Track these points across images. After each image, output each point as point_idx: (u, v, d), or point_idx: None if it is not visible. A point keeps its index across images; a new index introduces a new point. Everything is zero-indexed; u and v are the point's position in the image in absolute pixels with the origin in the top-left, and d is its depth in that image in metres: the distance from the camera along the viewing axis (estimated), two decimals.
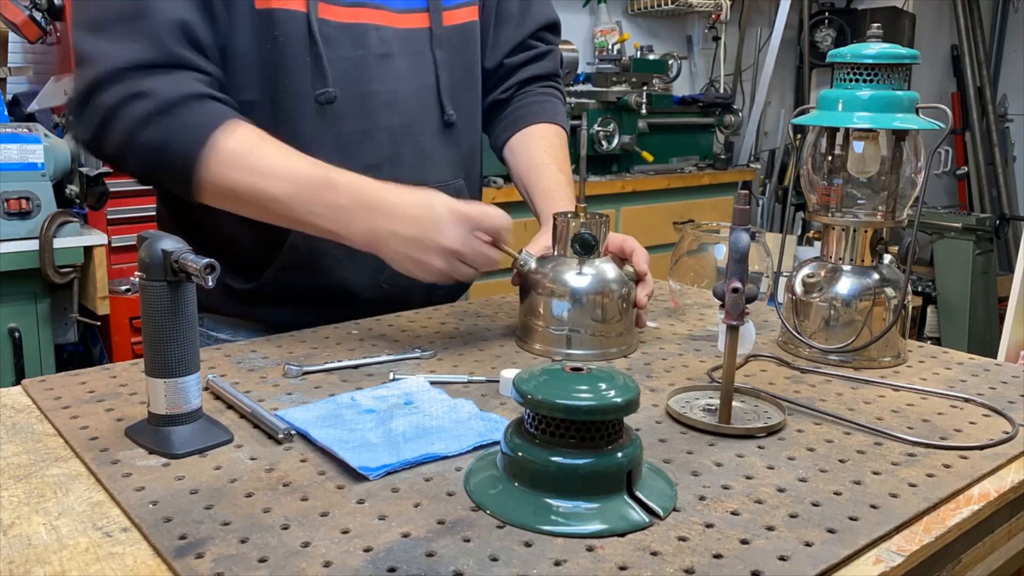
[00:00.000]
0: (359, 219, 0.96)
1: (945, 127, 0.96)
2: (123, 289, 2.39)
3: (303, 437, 0.76)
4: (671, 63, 3.81)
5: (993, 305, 3.81)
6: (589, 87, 3.37)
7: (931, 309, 3.81)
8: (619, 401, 0.63)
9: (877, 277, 1.01)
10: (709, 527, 0.63)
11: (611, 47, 3.74)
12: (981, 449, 0.78)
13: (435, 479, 0.70)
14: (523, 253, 1.01)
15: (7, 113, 2.34)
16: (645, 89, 3.45)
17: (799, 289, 1.04)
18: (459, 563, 0.57)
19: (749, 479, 0.71)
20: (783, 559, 0.59)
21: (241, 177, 0.97)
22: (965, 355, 1.06)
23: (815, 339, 1.02)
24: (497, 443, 0.71)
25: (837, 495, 0.68)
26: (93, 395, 0.86)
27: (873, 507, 0.66)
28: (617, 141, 3.27)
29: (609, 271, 1.01)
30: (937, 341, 3.69)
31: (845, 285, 1.01)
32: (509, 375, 0.88)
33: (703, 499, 0.67)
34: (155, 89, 0.96)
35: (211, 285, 0.70)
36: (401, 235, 0.95)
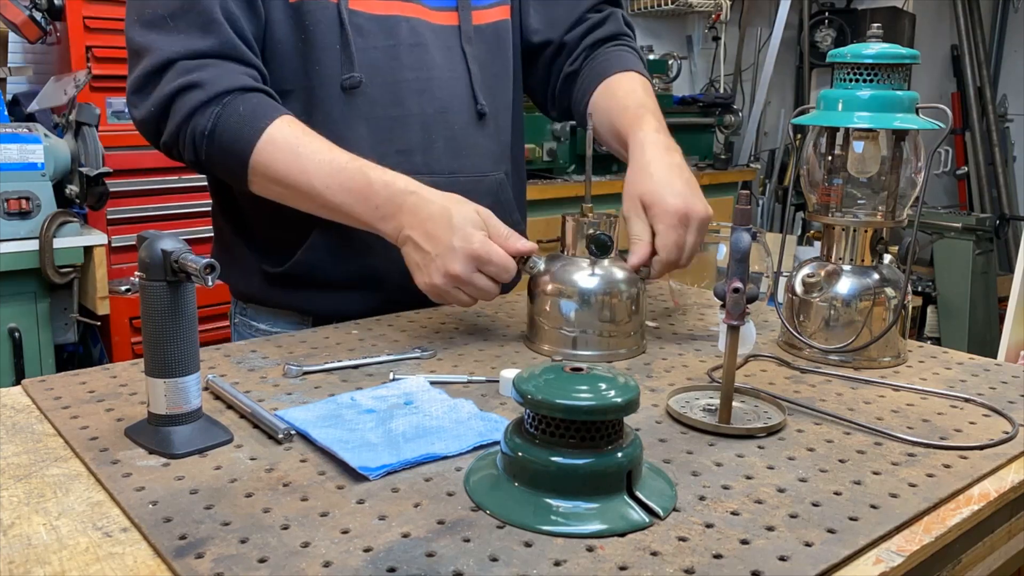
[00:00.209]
0: (389, 216, 1.01)
1: (945, 127, 0.96)
2: (123, 289, 2.39)
3: (303, 437, 0.76)
4: (671, 63, 3.82)
5: (993, 305, 3.81)
6: None
7: (931, 309, 3.82)
8: (619, 401, 0.63)
9: (877, 277, 1.01)
10: (709, 527, 0.63)
11: None
12: (981, 449, 0.78)
13: (435, 479, 0.70)
14: (531, 259, 1.01)
15: (7, 113, 2.34)
16: None
17: (799, 289, 1.04)
18: (459, 563, 0.57)
19: (749, 479, 0.71)
20: (783, 559, 0.59)
21: (288, 170, 1.03)
22: (965, 355, 1.06)
23: (815, 339, 1.02)
24: (497, 443, 0.71)
25: (837, 495, 0.68)
26: (93, 395, 0.86)
27: (873, 507, 0.66)
28: None
29: (618, 272, 1.01)
30: (937, 341, 3.69)
31: (845, 285, 1.01)
32: (509, 375, 0.88)
33: (703, 499, 0.67)
34: (208, 80, 1.02)
35: (211, 285, 0.70)
36: (415, 242, 1.00)
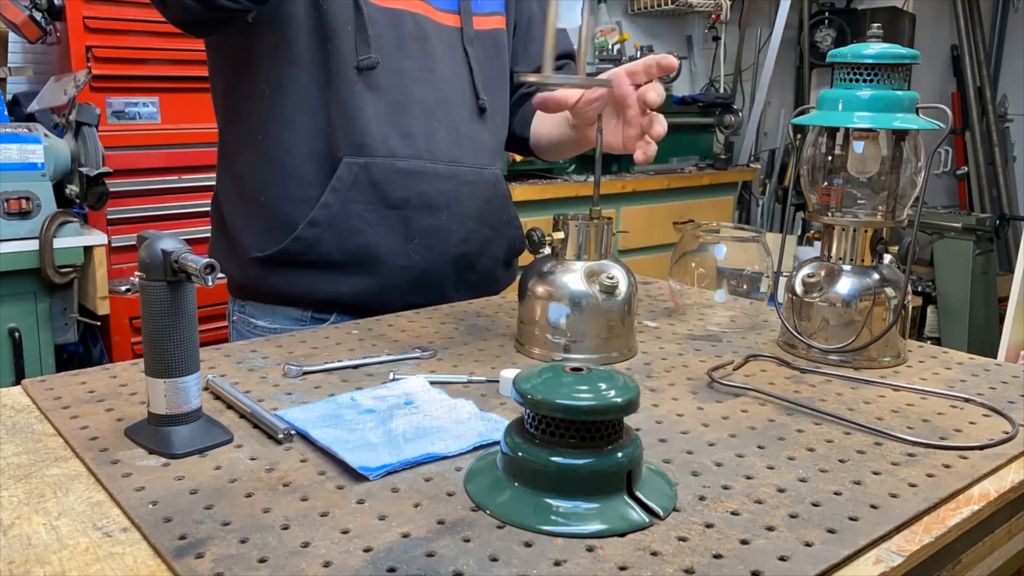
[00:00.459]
0: None
1: (945, 127, 0.96)
2: (123, 289, 2.39)
3: (303, 437, 0.76)
4: None
5: (993, 305, 3.81)
6: None
7: (931, 309, 3.82)
8: (619, 401, 0.63)
9: (877, 277, 1.01)
10: (709, 527, 0.63)
11: (611, 47, 3.75)
12: (981, 449, 0.78)
13: (435, 479, 0.70)
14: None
15: (7, 113, 2.34)
16: None
17: (799, 289, 1.04)
18: (459, 563, 0.57)
19: (749, 479, 0.71)
20: (783, 559, 0.59)
21: None
22: (965, 355, 1.06)
23: (815, 339, 1.02)
24: (497, 443, 0.71)
25: (837, 495, 0.68)
26: (93, 395, 0.86)
27: (873, 507, 0.66)
28: None
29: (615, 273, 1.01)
30: (937, 341, 3.69)
31: (845, 285, 1.01)
32: (509, 375, 0.88)
33: (703, 499, 0.67)
34: None
35: (211, 285, 0.70)
36: None
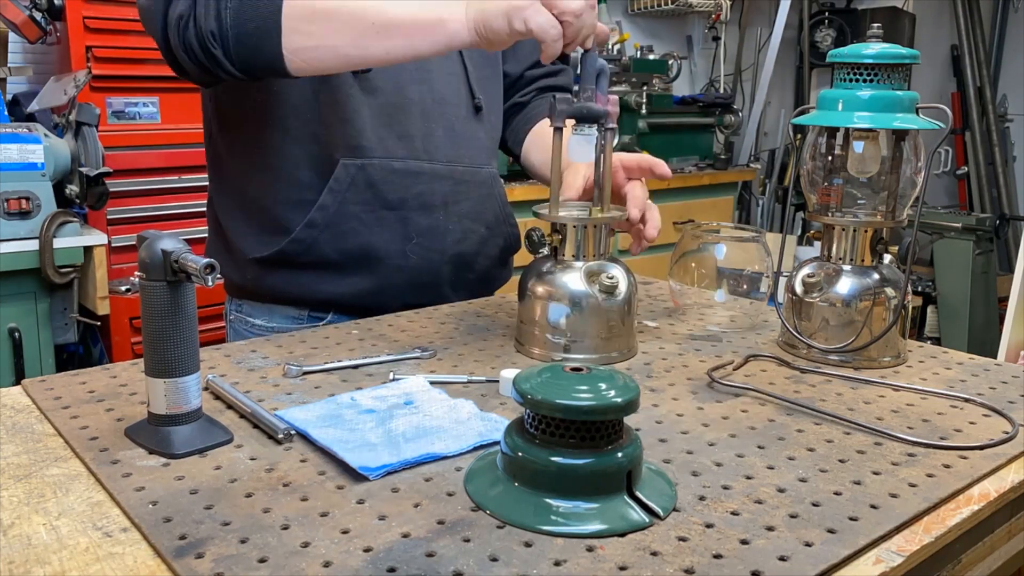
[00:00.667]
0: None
1: (945, 127, 0.96)
2: (123, 289, 2.39)
3: (303, 437, 0.76)
4: (671, 63, 3.81)
5: (993, 305, 3.81)
6: None
7: (931, 309, 3.82)
8: (619, 401, 0.63)
9: (877, 277, 1.01)
10: (709, 527, 0.63)
11: (611, 47, 3.74)
12: (981, 449, 0.78)
13: (435, 479, 0.70)
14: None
15: (7, 113, 2.34)
16: (645, 89, 3.45)
17: (799, 289, 1.04)
18: (459, 563, 0.58)
19: (749, 479, 0.71)
20: (783, 559, 0.59)
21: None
22: (965, 355, 1.06)
23: (815, 339, 1.02)
24: (497, 443, 0.71)
25: (837, 495, 0.68)
26: (93, 395, 0.86)
27: (873, 507, 0.66)
28: (617, 141, 3.27)
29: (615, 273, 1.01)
30: (937, 341, 3.69)
31: (845, 285, 1.01)
32: (509, 375, 0.88)
33: (703, 499, 0.67)
34: None
35: (211, 285, 0.70)
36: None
